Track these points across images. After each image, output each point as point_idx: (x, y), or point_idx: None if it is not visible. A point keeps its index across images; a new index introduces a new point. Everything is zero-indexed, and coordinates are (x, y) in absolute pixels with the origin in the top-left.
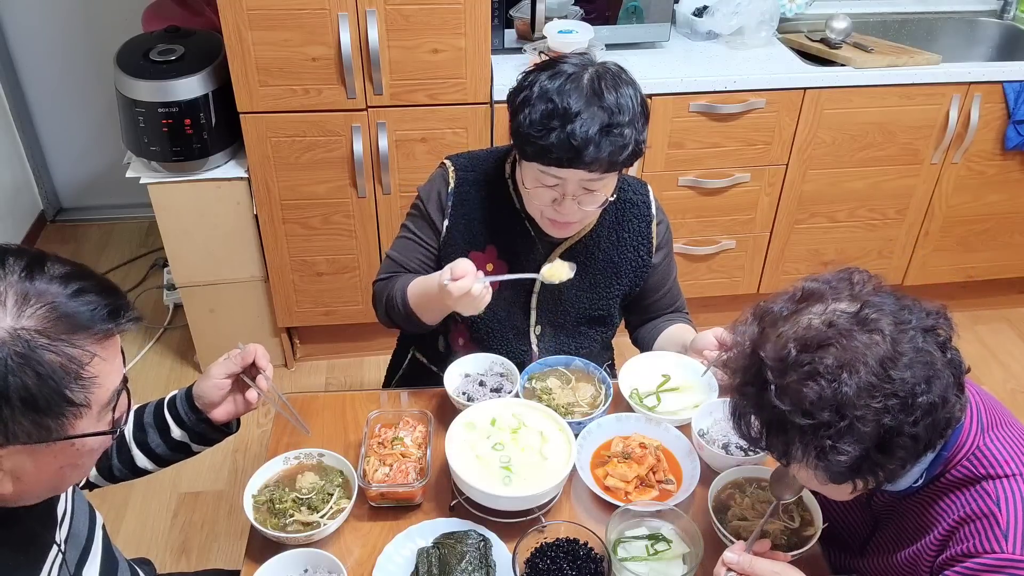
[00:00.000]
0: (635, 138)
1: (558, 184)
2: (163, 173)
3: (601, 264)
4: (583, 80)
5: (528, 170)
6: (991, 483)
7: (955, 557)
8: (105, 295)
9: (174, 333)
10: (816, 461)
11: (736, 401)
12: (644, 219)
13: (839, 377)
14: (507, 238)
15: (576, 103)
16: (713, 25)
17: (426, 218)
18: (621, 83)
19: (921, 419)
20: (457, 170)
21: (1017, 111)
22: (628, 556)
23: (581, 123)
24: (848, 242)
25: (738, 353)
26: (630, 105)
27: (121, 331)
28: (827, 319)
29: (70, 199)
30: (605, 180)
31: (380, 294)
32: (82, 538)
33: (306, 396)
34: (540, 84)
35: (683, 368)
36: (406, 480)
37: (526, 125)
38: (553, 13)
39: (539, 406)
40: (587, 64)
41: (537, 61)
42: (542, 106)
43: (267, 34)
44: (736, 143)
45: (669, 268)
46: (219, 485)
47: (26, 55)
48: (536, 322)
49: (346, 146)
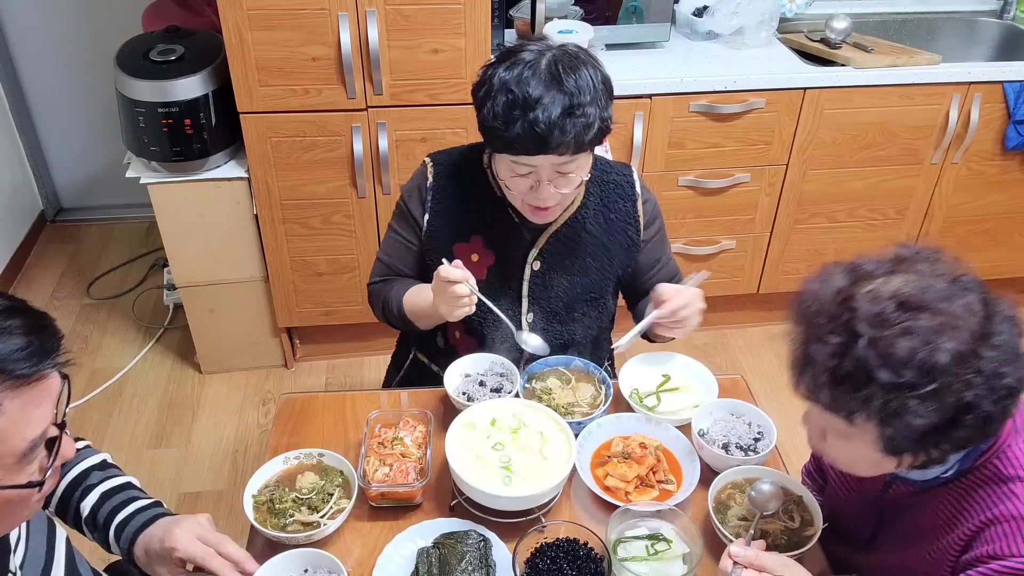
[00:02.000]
0: (599, 116)
1: (531, 172)
2: (163, 173)
3: (590, 247)
4: (541, 66)
5: (501, 162)
6: (1020, 485)
7: (980, 558)
8: (31, 335)
9: (174, 333)
10: (883, 423)
11: (806, 349)
12: (629, 199)
13: (935, 340)
14: (492, 227)
15: (536, 90)
16: (713, 25)
17: (407, 216)
18: (580, 64)
19: (999, 401)
20: (435, 165)
21: (1017, 111)
22: (628, 556)
23: (543, 109)
24: (848, 242)
25: (815, 302)
26: (590, 84)
27: (42, 376)
28: (924, 284)
29: (70, 199)
30: (577, 161)
31: (376, 297)
32: (40, 559)
33: (306, 396)
34: (499, 76)
35: (683, 368)
36: (406, 480)
37: (490, 119)
38: (553, 13)
39: (539, 406)
40: (544, 50)
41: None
42: (503, 97)
43: (267, 34)
44: (736, 143)
45: (661, 245)
46: (219, 485)
47: (26, 55)
48: (528, 310)
49: (346, 146)
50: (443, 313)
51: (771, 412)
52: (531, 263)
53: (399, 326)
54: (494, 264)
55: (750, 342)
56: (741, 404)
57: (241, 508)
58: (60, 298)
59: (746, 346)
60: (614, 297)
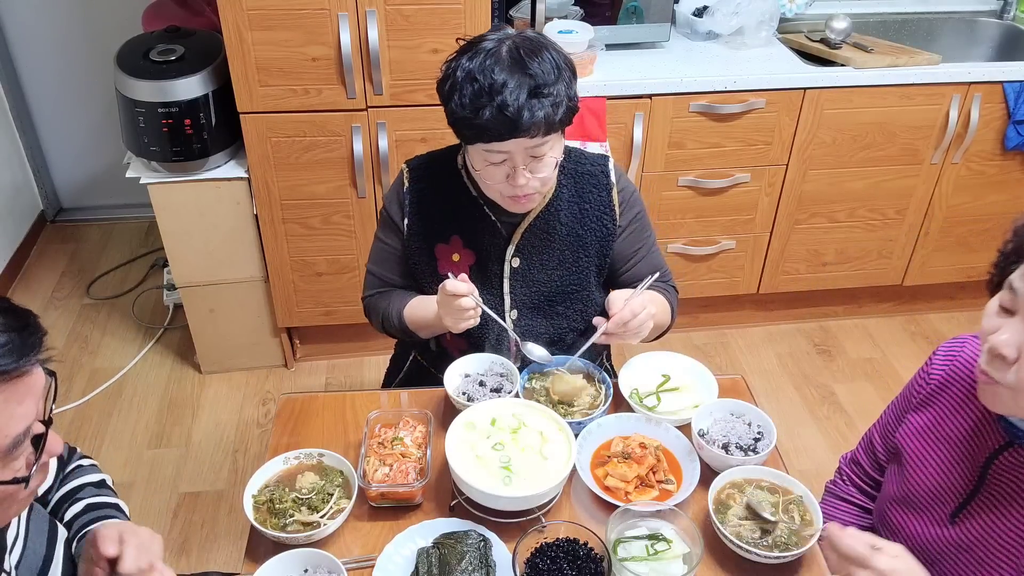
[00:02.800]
0: (567, 95)
1: (505, 158)
2: (163, 173)
3: (566, 239)
4: (502, 52)
5: (474, 153)
6: None
7: None
8: (11, 332)
9: (174, 333)
10: None
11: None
12: (604, 188)
13: None
14: (469, 226)
15: (500, 75)
16: (713, 25)
17: (389, 223)
18: (541, 47)
19: None
20: (411, 169)
21: (1017, 111)
22: (628, 556)
23: (510, 92)
24: (848, 242)
25: None
26: (554, 65)
27: (23, 372)
28: None
29: (70, 199)
30: (549, 142)
31: (373, 310)
32: (39, 558)
33: (306, 396)
34: (462, 67)
35: (683, 368)
36: (406, 480)
37: (459, 110)
38: (553, 13)
39: (539, 406)
40: (504, 37)
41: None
42: (469, 87)
43: (267, 34)
44: (736, 143)
45: (641, 234)
46: (219, 485)
47: (26, 55)
48: (512, 306)
49: (346, 146)
50: (448, 325)
51: (771, 412)
52: (509, 260)
53: (400, 337)
54: (475, 263)
55: (750, 342)
56: (741, 404)
57: (241, 508)
58: (60, 298)
59: (746, 346)
60: (599, 289)
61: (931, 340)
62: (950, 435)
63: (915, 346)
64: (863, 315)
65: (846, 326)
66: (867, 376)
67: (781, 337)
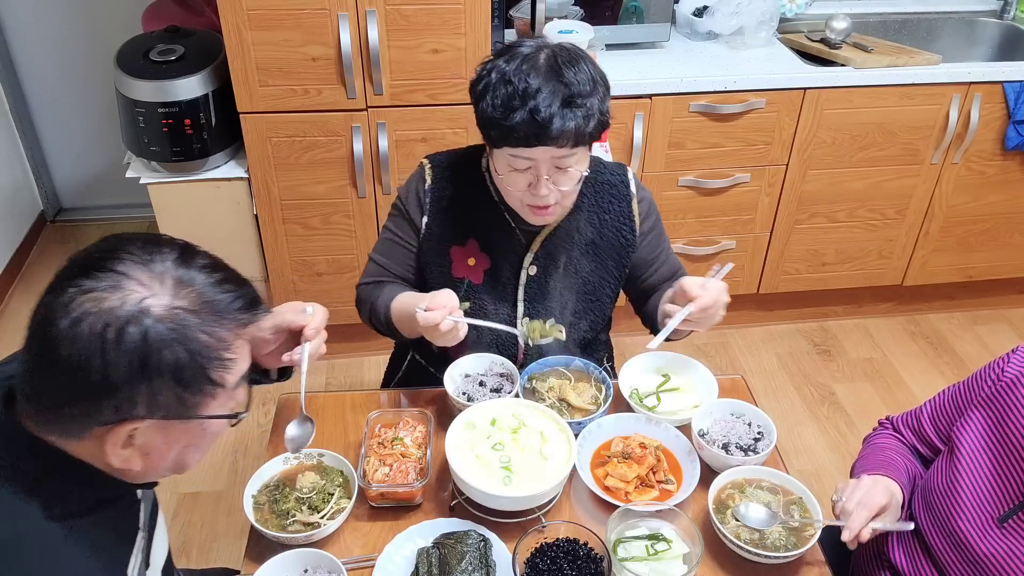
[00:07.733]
0: (599, 108)
1: (530, 166)
2: (163, 173)
3: (585, 249)
4: (540, 59)
5: (499, 157)
6: None
7: None
8: (242, 287)
9: None
10: None
11: None
12: (624, 199)
13: None
14: (487, 230)
15: (535, 81)
16: (713, 25)
17: (406, 217)
18: (578, 59)
19: None
20: (434, 167)
21: (1017, 111)
22: (628, 556)
23: (543, 99)
24: (848, 242)
25: None
26: (590, 77)
27: (254, 322)
28: None
29: (70, 199)
30: (576, 155)
31: (364, 300)
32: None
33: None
34: (498, 69)
35: (683, 368)
36: (406, 480)
37: (489, 110)
38: (553, 13)
39: (539, 406)
40: (543, 45)
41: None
42: (503, 89)
43: (267, 34)
44: (736, 143)
45: (659, 240)
46: (219, 485)
47: (26, 55)
48: (524, 313)
49: (346, 146)
50: (438, 343)
51: (771, 412)
52: (527, 268)
53: (385, 332)
54: (489, 268)
55: (750, 342)
56: (741, 404)
57: (241, 508)
58: None
59: (746, 346)
60: (611, 299)
61: (931, 340)
62: (1012, 437)
63: (915, 346)
64: (863, 315)
65: (846, 326)
66: (867, 376)
67: (781, 337)
